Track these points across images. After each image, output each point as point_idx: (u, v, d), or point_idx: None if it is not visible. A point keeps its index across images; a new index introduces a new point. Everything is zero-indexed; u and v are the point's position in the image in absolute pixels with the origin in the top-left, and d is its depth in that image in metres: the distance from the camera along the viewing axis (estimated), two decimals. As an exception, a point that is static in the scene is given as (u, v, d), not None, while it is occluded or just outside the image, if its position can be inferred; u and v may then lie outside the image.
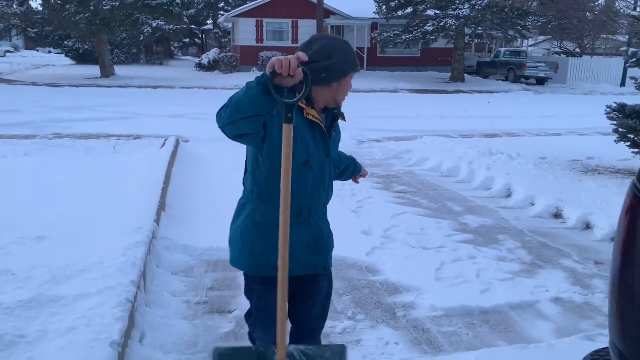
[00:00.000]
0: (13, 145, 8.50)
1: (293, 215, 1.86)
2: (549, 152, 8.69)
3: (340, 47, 1.98)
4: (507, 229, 5.14)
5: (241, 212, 2.05)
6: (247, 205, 2.02)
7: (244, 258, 2.02)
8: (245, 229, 2.01)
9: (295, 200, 1.86)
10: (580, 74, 26.73)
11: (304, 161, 1.95)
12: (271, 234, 1.87)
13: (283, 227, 1.70)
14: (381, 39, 25.19)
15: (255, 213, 1.99)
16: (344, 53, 1.98)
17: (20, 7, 22.73)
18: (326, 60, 1.93)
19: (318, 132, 2.00)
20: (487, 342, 3.10)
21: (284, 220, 1.70)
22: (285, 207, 1.70)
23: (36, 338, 2.43)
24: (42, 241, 3.67)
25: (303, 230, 2.01)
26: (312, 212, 2.04)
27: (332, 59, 1.93)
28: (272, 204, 1.88)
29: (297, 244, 1.95)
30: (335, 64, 1.95)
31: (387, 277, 3.95)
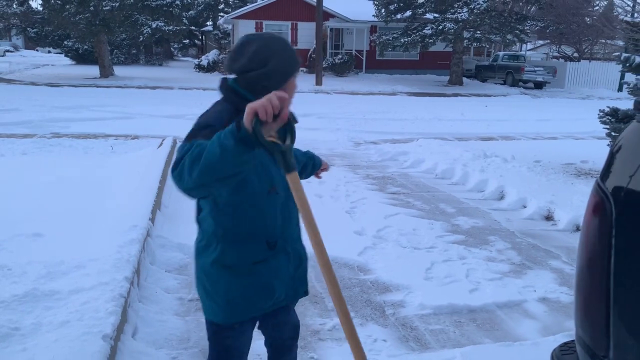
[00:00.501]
0: (11, 144, 8.55)
1: (266, 249, 1.78)
2: (544, 155, 8.76)
3: (276, 49, 1.75)
4: (498, 230, 5.20)
5: (203, 256, 1.82)
6: (210, 248, 1.79)
7: (220, 309, 1.81)
8: (214, 277, 1.79)
9: (266, 233, 1.78)
10: (578, 79, 26.88)
11: (269, 189, 1.77)
12: (245, 274, 1.77)
13: (325, 269, 1.58)
14: (380, 42, 25.30)
15: (224, 256, 1.77)
16: (281, 55, 1.76)
17: (20, 6, 22.82)
18: (263, 67, 1.72)
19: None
20: (473, 340, 3.17)
21: (321, 259, 1.58)
22: (318, 245, 1.57)
23: (30, 331, 2.49)
24: (38, 238, 3.72)
25: (281, 260, 1.84)
26: (287, 239, 1.87)
27: (269, 65, 1.72)
28: (242, 242, 1.76)
29: (277, 276, 1.83)
30: (274, 70, 1.74)
31: (377, 276, 4.01)
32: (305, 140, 9.97)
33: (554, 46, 38.03)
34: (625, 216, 1.21)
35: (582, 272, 1.34)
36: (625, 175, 1.22)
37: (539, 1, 24.98)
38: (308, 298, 3.62)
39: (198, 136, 1.58)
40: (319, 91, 20.68)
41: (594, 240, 1.29)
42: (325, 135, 10.59)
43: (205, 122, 1.68)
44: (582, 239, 1.35)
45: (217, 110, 1.73)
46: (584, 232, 1.35)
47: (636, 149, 1.27)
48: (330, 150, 9.12)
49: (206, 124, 1.65)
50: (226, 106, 1.74)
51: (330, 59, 27.43)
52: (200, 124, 1.67)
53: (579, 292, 1.35)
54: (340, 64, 27.08)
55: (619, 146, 1.37)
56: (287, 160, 1.46)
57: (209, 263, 1.78)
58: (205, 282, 1.81)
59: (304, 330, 3.20)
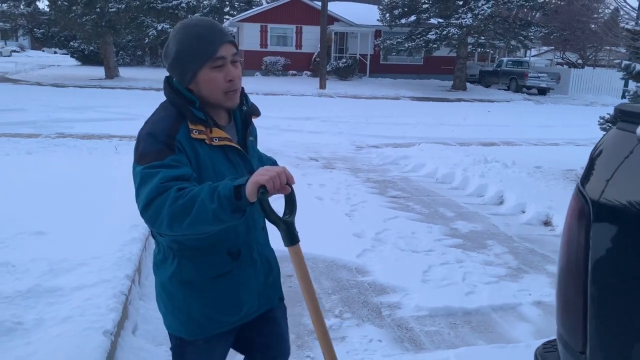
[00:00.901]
0: (16, 143, 8.65)
1: (228, 261, 1.62)
2: (545, 161, 8.80)
3: (177, 32, 1.55)
4: (496, 235, 5.25)
5: (161, 269, 1.68)
6: (167, 262, 1.64)
7: (181, 324, 1.67)
8: (173, 293, 1.65)
9: (227, 242, 1.61)
10: (582, 85, 26.88)
11: None
12: (205, 290, 1.62)
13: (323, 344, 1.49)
14: (384, 46, 25.40)
15: (182, 272, 1.62)
16: (181, 37, 1.53)
17: (27, 7, 23.00)
18: (170, 57, 1.55)
19: (232, 152, 1.60)
20: (468, 341, 3.22)
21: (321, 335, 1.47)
22: (317, 317, 1.44)
23: (33, 325, 2.55)
24: (42, 236, 3.79)
25: (248, 270, 1.68)
26: (253, 245, 1.70)
27: (173, 52, 1.54)
28: (199, 256, 1.60)
29: (245, 287, 1.67)
30: (180, 57, 1.53)
31: (375, 278, 4.06)
32: (308, 143, 10.06)
33: (558, 52, 38.05)
34: (601, 219, 1.27)
35: (562, 273, 1.40)
36: (602, 179, 1.28)
37: (544, 7, 25.04)
38: (306, 298, 3.68)
39: (148, 157, 1.45)
40: (323, 95, 20.77)
41: (574, 243, 1.34)
42: (327, 139, 10.66)
43: (148, 132, 1.51)
44: (563, 241, 1.41)
45: (159, 118, 1.55)
46: (565, 235, 1.41)
47: (613, 155, 1.32)
48: (332, 153, 9.19)
49: (152, 136, 1.49)
50: (169, 111, 1.56)
51: (335, 63, 27.53)
52: (143, 136, 1.52)
53: (559, 292, 1.41)
54: (344, 67, 27.17)
55: (599, 151, 1.43)
56: (291, 232, 1.38)
57: (167, 278, 1.64)
58: (165, 297, 1.67)
59: (301, 329, 3.27)
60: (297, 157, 8.75)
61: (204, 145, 1.53)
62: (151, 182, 1.40)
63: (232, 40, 1.58)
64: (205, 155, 1.53)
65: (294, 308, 3.47)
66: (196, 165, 1.51)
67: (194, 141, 1.52)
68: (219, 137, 1.55)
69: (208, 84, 1.54)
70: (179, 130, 1.50)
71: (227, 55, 1.54)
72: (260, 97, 18.54)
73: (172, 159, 1.44)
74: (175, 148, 1.47)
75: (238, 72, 1.59)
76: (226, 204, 1.30)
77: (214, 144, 1.54)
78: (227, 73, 1.55)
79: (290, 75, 28.17)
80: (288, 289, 3.75)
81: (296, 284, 3.91)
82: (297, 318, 3.36)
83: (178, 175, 1.41)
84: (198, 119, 1.53)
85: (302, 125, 12.29)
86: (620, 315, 1.21)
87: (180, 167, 1.44)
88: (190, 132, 1.51)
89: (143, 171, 1.43)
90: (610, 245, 1.24)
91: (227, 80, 1.55)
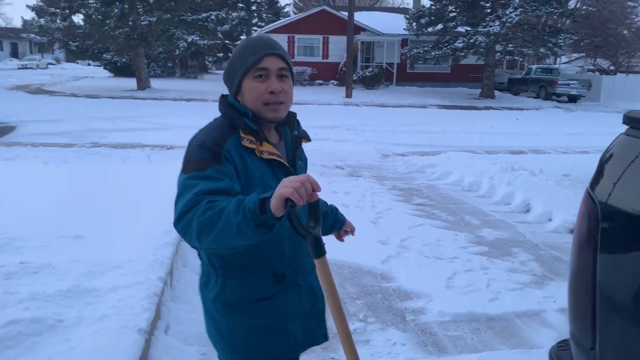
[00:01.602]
0: (54, 152, 8.98)
1: (274, 282, 1.56)
2: (573, 169, 8.71)
3: (236, 48, 1.63)
4: (522, 242, 5.25)
5: (205, 291, 1.64)
6: (210, 284, 1.61)
7: (226, 355, 1.62)
8: (218, 320, 1.60)
9: (272, 264, 1.56)
10: (614, 92, 26.36)
11: None
12: (250, 313, 1.56)
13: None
14: (411, 55, 25.41)
15: (225, 292, 1.57)
16: (239, 50, 1.61)
17: (64, 21, 23.79)
18: (225, 69, 1.65)
19: (279, 169, 1.57)
20: (490, 346, 3.25)
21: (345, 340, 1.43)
22: (342, 326, 1.41)
23: (73, 323, 2.70)
24: (80, 240, 3.98)
25: (292, 296, 1.61)
26: (299, 270, 1.64)
27: (227, 64, 1.64)
28: (244, 275, 1.55)
29: (289, 316, 1.60)
30: (230, 67, 1.62)
31: (399, 284, 4.13)
32: (334, 151, 10.17)
33: (589, 59, 37.43)
34: (609, 221, 1.33)
35: (573, 274, 1.46)
36: (610, 183, 1.34)
37: (574, 14, 24.72)
38: (331, 303, 3.77)
39: (190, 165, 1.48)
40: (349, 103, 20.88)
41: (583, 244, 1.41)
42: (353, 147, 10.75)
43: (196, 139, 1.55)
44: (574, 243, 1.47)
45: (211, 128, 1.59)
46: (575, 237, 1.47)
47: (621, 159, 1.39)
48: (357, 161, 9.27)
49: (200, 144, 1.51)
50: (221, 122, 1.61)
51: (361, 72, 27.66)
52: (191, 143, 1.55)
53: (570, 292, 1.47)
54: (371, 76, 27.27)
55: (608, 156, 1.49)
56: (319, 244, 1.30)
57: (210, 301, 1.59)
58: (210, 323, 1.63)
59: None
60: (323, 165, 8.87)
61: (253, 156, 1.52)
62: (187, 195, 1.39)
63: (281, 54, 1.58)
64: (254, 166, 1.51)
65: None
66: (244, 175, 1.49)
67: (244, 150, 1.51)
68: (269, 152, 1.53)
69: (250, 93, 1.55)
70: (227, 139, 1.50)
71: (271, 67, 1.55)
72: (287, 106, 18.76)
73: (214, 171, 1.42)
74: (222, 157, 1.46)
75: (285, 87, 1.58)
76: (250, 218, 1.25)
77: (264, 157, 1.52)
78: (270, 84, 1.54)
79: (316, 84, 28.40)
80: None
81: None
82: (323, 321, 3.44)
83: (216, 188, 1.39)
84: (250, 128, 1.53)
85: (328, 133, 12.41)
86: (627, 313, 1.27)
87: (220, 180, 1.41)
88: (241, 140, 1.51)
89: (184, 182, 1.44)
90: (617, 246, 1.30)
91: (269, 92, 1.54)
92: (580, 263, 1.41)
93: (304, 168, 1.75)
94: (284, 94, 1.57)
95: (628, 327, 1.26)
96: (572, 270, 1.47)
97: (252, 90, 1.55)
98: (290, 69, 1.61)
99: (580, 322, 1.41)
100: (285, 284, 1.59)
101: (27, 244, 3.88)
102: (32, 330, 2.59)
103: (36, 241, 3.92)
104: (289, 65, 1.61)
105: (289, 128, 1.70)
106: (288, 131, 1.70)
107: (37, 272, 3.33)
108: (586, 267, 1.36)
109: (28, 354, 2.44)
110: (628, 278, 1.26)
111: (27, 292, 2.98)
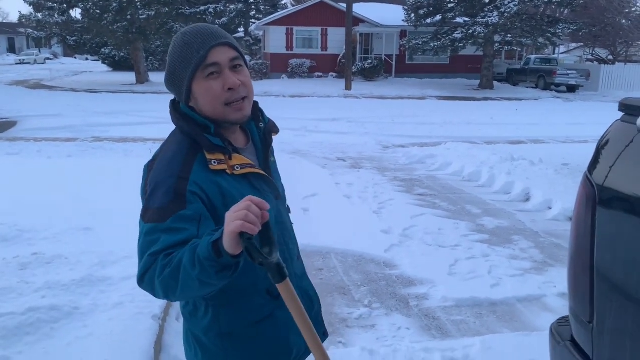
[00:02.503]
0: (56, 147, 9.06)
1: (270, 300, 1.41)
2: (572, 158, 8.78)
3: (172, 45, 1.38)
4: (522, 230, 5.34)
5: (194, 322, 1.42)
6: (199, 313, 1.40)
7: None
8: (210, 348, 1.41)
9: (263, 280, 1.36)
10: (613, 82, 26.39)
11: None
12: (249, 339, 1.41)
13: None
14: (409, 46, 25.42)
15: (219, 322, 1.38)
16: (177, 48, 1.35)
17: (62, 16, 23.76)
18: (165, 73, 1.41)
19: (256, 178, 1.40)
20: (493, 330, 3.35)
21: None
22: (314, 342, 1.20)
23: (89, 310, 2.80)
24: (89, 231, 4.07)
25: None
26: (291, 278, 1.41)
27: (167, 66, 1.40)
28: (237, 299, 1.39)
29: (291, 328, 1.36)
30: (171, 71, 1.37)
31: (402, 271, 4.22)
32: (335, 143, 10.25)
33: (588, 49, 37.41)
34: (605, 203, 1.41)
35: (572, 252, 1.55)
36: (606, 166, 1.43)
37: (572, 4, 24.71)
38: (337, 290, 3.88)
39: (148, 215, 1.27)
40: (349, 96, 20.93)
41: (582, 225, 1.49)
42: (354, 139, 10.83)
43: (157, 179, 1.30)
44: (573, 224, 1.56)
45: (169, 157, 1.34)
46: (574, 218, 1.55)
47: (617, 144, 1.47)
48: (358, 153, 9.35)
49: (160, 185, 1.28)
50: (181, 143, 1.36)
51: (360, 64, 27.66)
52: (152, 185, 1.31)
53: (570, 269, 1.56)
54: (370, 68, 27.28)
55: (605, 141, 1.57)
56: (281, 268, 1.14)
57: (202, 333, 1.40)
58: (200, 351, 1.42)
59: (333, 318, 3.45)
60: (325, 157, 8.95)
61: (226, 175, 1.32)
62: (145, 252, 1.23)
63: (229, 42, 1.35)
64: (230, 186, 1.32)
65: (326, 299, 3.66)
66: (222, 202, 1.29)
67: (214, 175, 1.31)
68: (241, 165, 1.34)
69: (205, 96, 1.33)
70: (192, 168, 1.29)
71: (221, 61, 1.32)
72: (286, 99, 18.83)
73: (175, 219, 1.23)
74: (187, 195, 1.25)
75: (242, 78, 1.36)
76: (208, 266, 1.10)
77: (236, 173, 1.33)
78: (226, 80, 1.32)
79: (316, 77, 28.41)
80: (319, 282, 3.96)
81: (327, 276, 4.12)
82: (329, 308, 3.54)
83: (175, 242, 1.21)
84: (215, 146, 1.32)
85: (328, 126, 12.49)
86: (622, 289, 1.35)
87: (181, 231, 1.22)
88: (208, 164, 1.30)
89: (144, 236, 1.25)
90: (613, 226, 1.38)
91: (227, 89, 1.32)
92: (579, 242, 1.49)
93: (276, 163, 1.58)
94: (244, 88, 1.35)
95: (623, 302, 1.35)
96: (571, 249, 1.56)
97: (206, 92, 1.32)
98: (243, 57, 1.39)
99: (579, 298, 1.50)
100: (281, 298, 1.43)
101: (37, 235, 3.98)
102: (50, 317, 2.69)
103: (46, 233, 4.02)
104: (240, 53, 1.38)
105: (254, 122, 1.49)
106: (254, 127, 1.49)
107: (50, 262, 3.43)
108: (584, 246, 1.45)
109: (48, 340, 2.53)
110: (623, 256, 1.35)
111: (42, 282, 3.07)
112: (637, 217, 1.30)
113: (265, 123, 1.50)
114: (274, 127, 1.52)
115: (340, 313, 3.54)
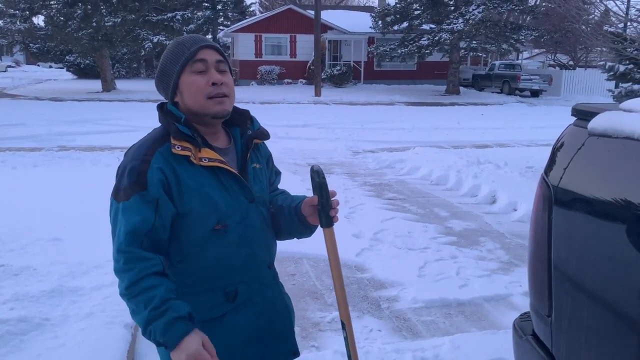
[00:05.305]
0: (21, 157, 8.84)
1: (224, 301, 1.43)
2: (536, 161, 9.04)
3: (166, 49, 1.51)
4: (488, 232, 5.49)
5: None
6: None
7: None
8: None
9: (222, 280, 1.43)
10: (574, 86, 27.24)
11: (213, 226, 1.41)
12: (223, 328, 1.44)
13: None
14: (377, 53, 25.74)
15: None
16: (170, 50, 1.48)
17: (24, 23, 23.24)
18: (156, 72, 1.52)
19: (227, 176, 1.44)
20: (462, 329, 3.44)
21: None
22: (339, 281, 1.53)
23: (60, 321, 2.77)
24: (58, 242, 4.01)
25: (245, 314, 1.46)
26: (253, 285, 1.49)
27: (158, 66, 1.51)
28: (194, 294, 1.43)
29: (246, 338, 1.45)
30: (162, 68, 1.48)
31: (373, 275, 4.29)
32: (305, 149, 10.30)
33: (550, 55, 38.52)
34: (560, 203, 1.50)
35: (532, 250, 1.63)
36: (561, 168, 1.52)
37: (534, 11, 25.44)
38: (309, 294, 3.92)
39: (120, 194, 1.38)
40: (318, 102, 21.05)
41: (539, 224, 1.58)
42: (324, 145, 10.91)
43: (127, 161, 1.42)
44: (531, 223, 1.65)
45: (143, 140, 1.47)
46: (533, 217, 1.64)
47: (570, 147, 1.56)
48: (329, 159, 9.43)
49: (128, 166, 1.40)
50: (158, 131, 1.47)
51: (329, 70, 27.85)
52: (122, 166, 1.43)
53: (529, 266, 1.65)
54: (339, 75, 27.49)
55: (560, 144, 1.67)
56: (329, 219, 1.51)
57: None
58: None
59: (305, 322, 3.49)
60: (296, 163, 8.99)
61: (187, 164, 1.38)
62: (118, 232, 1.34)
63: (216, 47, 1.48)
64: (189, 177, 1.38)
65: (298, 303, 3.70)
66: (177, 187, 1.37)
67: (174, 159, 1.38)
68: (209, 158, 1.39)
69: (190, 89, 1.42)
70: (156, 151, 1.38)
71: (209, 59, 1.44)
72: (256, 105, 18.80)
73: (137, 198, 1.35)
74: (147, 177, 1.35)
75: (226, 80, 1.46)
76: (151, 339, 1.28)
77: (203, 164, 1.38)
78: (210, 76, 1.42)
79: (285, 83, 28.47)
80: (292, 287, 4.00)
81: (299, 281, 4.16)
82: (302, 312, 3.58)
83: (134, 227, 1.32)
84: (182, 133, 1.39)
85: (299, 132, 12.54)
86: (577, 284, 1.44)
87: (138, 211, 1.34)
88: (171, 148, 1.38)
89: (115, 214, 1.38)
90: (568, 224, 1.47)
91: (210, 84, 1.42)
92: (537, 240, 1.58)
93: (263, 170, 1.61)
94: (226, 87, 1.45)
95: (578, 296, 1.43)
96: (531, 246, 1.65)
97: (192, 85, 1.42)
98: (228, 64, 1.51)
99: (538, 293, 1.58)
100: (237, 303, 1.44)
101: (4, 247, 3.91)
102: (19, 329, 2.65)
103: (13, 245, 3.95)
104: (227, 60, 1.50)
105: (239, 130, 1.56)
106: (238, 133, 1.56)
107: (18, 274, 3.37)
108: (542, 243, 1.54)
109: (17, 352, 2.50)
110: (577, 252, 1.43)
111: (10, 294, 3.03)
112: (589, 215, 1.40)
113: (254, 130, 1.58)
114: (261, 135, 1.59)
115: (313, 317, 3.58)
